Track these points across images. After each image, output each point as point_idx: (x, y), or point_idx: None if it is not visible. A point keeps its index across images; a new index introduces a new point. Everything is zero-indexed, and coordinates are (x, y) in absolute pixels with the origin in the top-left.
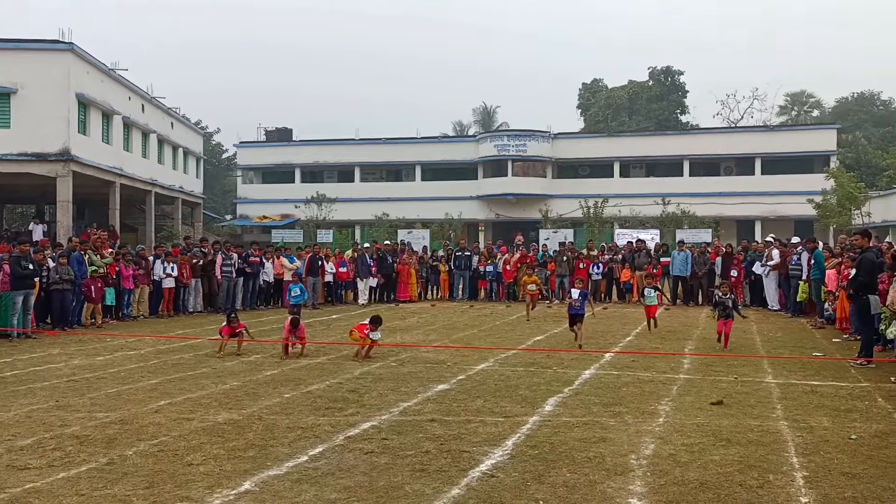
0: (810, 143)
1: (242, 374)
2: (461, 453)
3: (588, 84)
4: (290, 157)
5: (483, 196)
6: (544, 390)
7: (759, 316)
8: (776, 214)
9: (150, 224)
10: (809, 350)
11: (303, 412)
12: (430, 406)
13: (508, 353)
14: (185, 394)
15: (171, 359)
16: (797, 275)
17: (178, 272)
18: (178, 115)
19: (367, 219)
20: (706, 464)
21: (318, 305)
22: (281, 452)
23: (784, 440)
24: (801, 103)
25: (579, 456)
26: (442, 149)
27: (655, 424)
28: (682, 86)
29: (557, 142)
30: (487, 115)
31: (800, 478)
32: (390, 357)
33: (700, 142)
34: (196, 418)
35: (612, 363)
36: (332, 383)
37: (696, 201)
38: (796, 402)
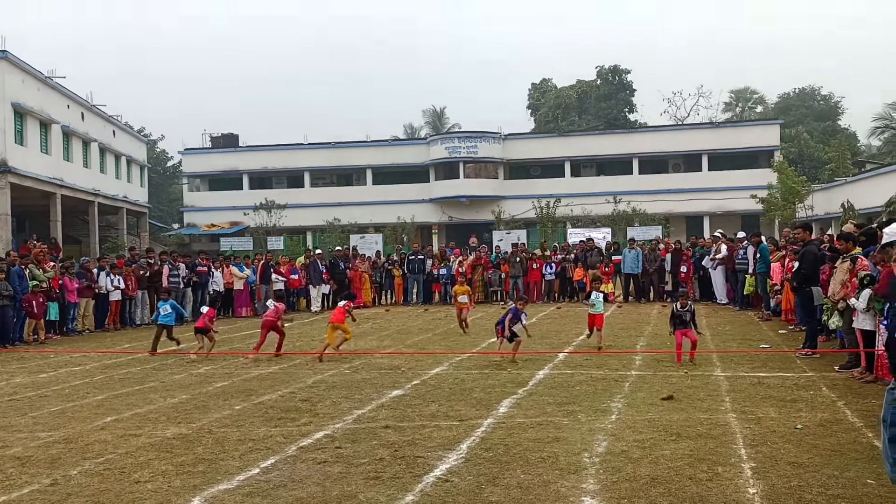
0: (754, 138)
1: (192, 387)
2: (415, 459)
3: (537, 84)
4: (237, 164)
5: (435, 199)
6: (499, 392)
7: (708, 310)
8: (723, 210)
9: (94, 235)
10: (756, 342)
11: (254, 424)
12: (385, 412)
13: (463, 357)
14: (132, 409)
15: (117, 374)
16: (744, 269)
17: (125, 284)
18: (120, 122)
19: (318, 224)
20: (657, 459)
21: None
22: (231, 466)
23: (732, 432)
24: (745, 100)
25: (533, 456)
26: (392, 152)
27: (608, 422)
28: (630, 84)
29: (508, 142)
30: (437, 117)
31: (748, 469)
32: (344, 364)
33: (648, 140)
34: (144, 434)
35: (566, 362)
36: (284, 393)
37: (645, 199)
38: (744, 395)
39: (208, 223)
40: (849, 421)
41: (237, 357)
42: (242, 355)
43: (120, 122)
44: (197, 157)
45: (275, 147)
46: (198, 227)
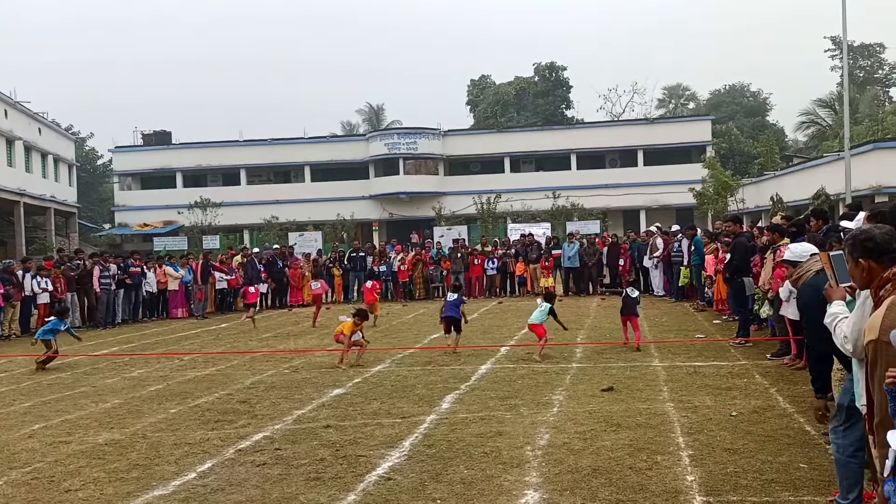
0: (688, 134)
1: (125, 392)
2: (357, 458)
3: (476, 80)
4: (170, 161)
5: (375, 195)
6: (441, 388)
7: (646, 302)
8: (659, 204)
9: (21, 237)
10: (692, 332)
11: (190, 427)
12: (326, 412)
13: (404, 353)
14: (61, 415)
15: (46, 379)
16: (679, 261)
17: (53, 286)
18: (47, 120)
19: (256, 222)
20: (598, 450)
21: (208, 315)
22: (167, 471)
23: (671, 421)
24: (678, 96)
25: (476, 451)
26: (331, 148)
27: (550, 414)
28: (566, 81)
29: (448, 138)
30: (375, 113)
31: (686, 457)
32: (283, 364)
33: (586, 136)
34: (74, 441)
35: (508, 356)
36: (221, 395)
37: (584, 194)
38: (681, 384)
39: (141, 223)
40: (781, 407)
41: (171, 359)
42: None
43: (46, 120)
44: (128, 154)
45: (209, 144)
46: (130, 226)
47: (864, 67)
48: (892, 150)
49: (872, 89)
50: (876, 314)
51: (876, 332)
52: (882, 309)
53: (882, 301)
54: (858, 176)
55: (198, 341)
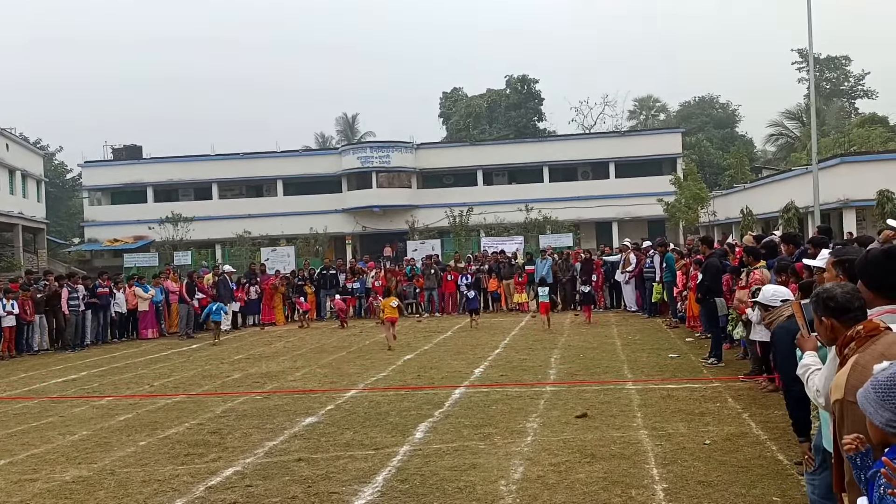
0: (658, 146)
1: (93, 421)
2: (330, 495)
3: (448, 93)
4: (140, 176)
5: (349, 209)
6: (414, 415)
7: (619, 318)
8: (631, 216)
9: None
10: (666, 351)
11: (160, 461)
12: (298, 443)
13: (378, 376)
14: (28, 449)
15: (12, 408)
16: (651, 277)
17: (20, 309)
18: (13, 135)
19: (228, 237)
20: (572, 483)
21: (193, 335)
22: None
23: (644, 451)
24: (649, 108)
25: (450, 487)
26: (304, 162)
27: (524, 444)
28: (538, 93)
29: (421, 152)
30: (349, 125)
31: (660, 490)
32: (255, 387)
33: (558, 148)
34: (40, 478)
35: (482, 378)
36: (191, 425)
37: (556, 206)
38: (654, 409)
39: (111, 238)
40: (754, 434)
41: (141, 385)
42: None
43: (13, 135)
44: (98, 169)
45: (181, 158)
46: (100, 242)
47: (831, 80)
48: (859, 164)
49: (839, 101)
50: (841, 373)
51: (841, 392)
52: (846, 368)
53: (847, 360)
54: (826, 189)
55: (168, 364)
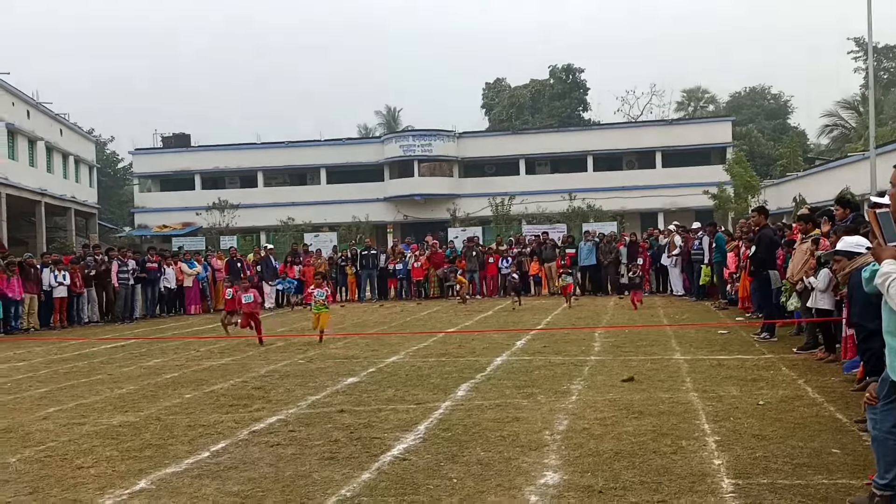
0: (707, 135)
1: (140, 379)
2: (372, 440)
3: (491, 84)
4: (189, 164)
5: (390, 197)
6: (456, 377)
7: (665, 301)
8: (677, 206)
9: (42, 236)
10: (715, 329)
11: (204, 411)
12: (340, 398)
13: (419, 346)
14: (76, 400)
15: (62, 368)
16: (699, 259)
17: (71, 281)
18: (68, 121)
19: (272, 224)
20: (620, 435)
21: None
22: (180, 450)
23: (695, 409)
24: (697, 99)
25: (493, 435)
26: (347, 151)
27: (568, 402)
28: (583, 83)
29: (463, 141)
30: (392, 117)
31: (712, 442)
32: (298, 354)
33: (603, 137)
34: (88, 423)
35: (524, 349)
36: (236, 382)
37: (600, 196)
38: (705, 375)
39: (160, 224)
40: (810, 397)
41: (188, 350)
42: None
43: (67, 121)
44: (148, 157)
45: (228, 147)
46: (149, 228)
47: (889, 69)
48: None
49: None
50: None
51: None
52: None
53: None
54: (884, 175)
55: (213, 334)
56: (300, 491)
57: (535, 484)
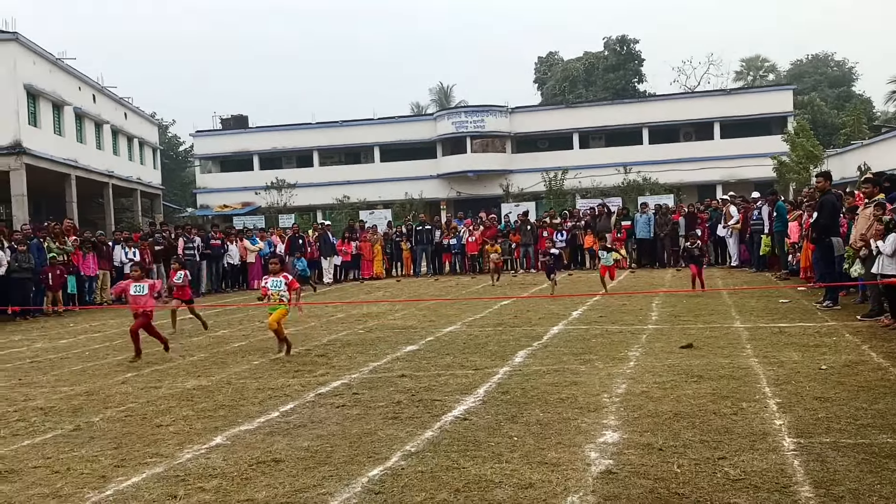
0: (767, 105)
1: (210, 347)
2: (433, 402)
3: (543, 58)
4: (247, 145)
5: (443, 174)
6: (513, 345)
7: (724, 272)
8: (736, 178)
9: (110, 217)
10: (776, 299)
11: (272, 375)
12: (400, 364)
13: (475, 316)
14: (151, 366)
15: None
16: (759, 229)
17: (140, 257)
18: (131, 105)
19: (328, 203)
20: (679, 397)
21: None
22: (251, 410)
23: (755, 374)
24: (756, 68)
25: (551, 398)
26: (400, 129)
27: (626, 368)
28: (638, 55)
29: (515, 116)
30: (444, 94)
31: (773, 404)
32: (357, 325)
33: (658, 109)
34: (164, 386)
35: (580, 319)
36: (300, 350)
37: (656, 168)
38: (765, 342)
39: (221, 204)
40: (874, 361)
41: (253, 321)
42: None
43: (131, 105)
44: (208, 139)
45: (284, 127)
46: (211, 208)
47: None
48: None
49: None
50: None
51: None
52: None
53: None
54: None
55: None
56: (367, 447)
57: (594, 442)
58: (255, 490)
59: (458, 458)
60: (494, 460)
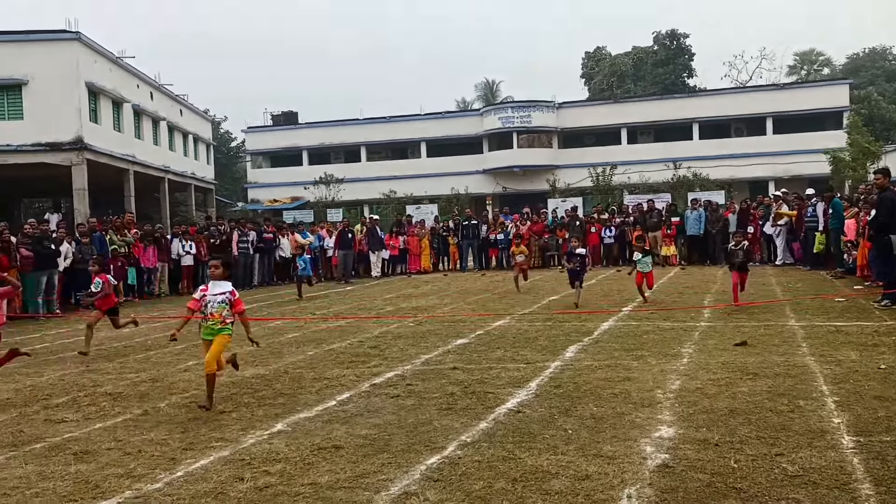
0: (822, 100)
1: (265, 338)
2: (486, 394)
3: (591, 53)
4: (296, 140)
5: (489, 169)
6: (564, 340)
7: (777, 270)
8: (790, 174)
9: (166, 211)
10: (831, 297)
11: (327, 366)
12: (452, 357)
13: (525, 311)
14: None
15: (194, 327)
16: (813, 226)
17: (196, 250)
18: (186, 102)
19: (375, 197)
20: (735, 394)
21: (351, 280)
22: (310, 399)
23: (812, 372)
24: (811, 62)
25: (605, 392)
26: (446, 124)
27: (679, 364)
28: (689, 49)
29: (562, 111)
30: (490, 90)
31: (831, 403)
32: (408, 318)
33: (709, 104)
34: (224, 374)
35: (632, 315)
36: (353, 342)
37: (707, 164)
38: (822, 341)
39: (270, 199)
40: None
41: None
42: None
43: (186, 102)
44: (259, 134)
45: (332, 123)
46: (261, 202)
47: None
48: None
49: None
50: None
51: None
52: None
53: None
54: None
55: (327, 300)
56: (423, 436)
57: (650, 437)
58: (317, 474)
59: (513, 448)
60: (550, 452)
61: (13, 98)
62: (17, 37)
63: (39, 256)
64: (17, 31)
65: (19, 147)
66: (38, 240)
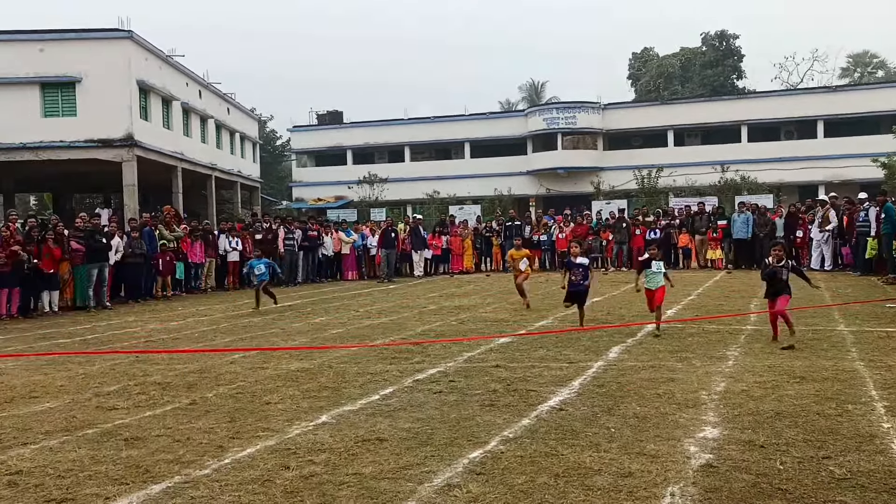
0: (876, 102)
1: (310, 333)
2: (528, 392)
3: (638, 53)
4: (341, 140)
5: (533, 171)
6: (607, 341)
7: (826, 276)
8: (841, 178)
9: (212, 208)
10: (882, 304)
11: (370, 361)
12: (494, 355)
13: (567, 312)
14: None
15: (240, 322)
16: (865, 231)
17: (242, 246)
18: (234, 100)
19: (419, 198)
20: (781, 397)
21: (394, 279)
22: (353, 393)
23: (861, 377)
24: (865, 64)
25: (648, 393)
26: (490, 125)
27: (725, 366)
28: (738, 50)
29: (608, 112)
30: (535, 90)
31: (880, 407)
32: (450, 317)
33: (758, 106)
34: (270, 367)
35: (675, 317)
36: (395, 338)
37: (755, 168)
38: (871, 346)
39: (315, 197)
40: None
41: (349, 309)
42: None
43: (233, 100)
44: (305, 133)
45: (377, 123)
46: (305, 201)
47: None
48: None
49: None
50: None
51: None
52: None
53: None
54: None
55: (370, 298)
56: (466, 431)
57: (693, 437)
58: (361, 465)
59: (556, 445)
60: (592, 449)
61: (67, 95)
62: (72, 35)
63: (91, 250)
64: (72, 30)
65: (72, 143)
66: (89, 234)
